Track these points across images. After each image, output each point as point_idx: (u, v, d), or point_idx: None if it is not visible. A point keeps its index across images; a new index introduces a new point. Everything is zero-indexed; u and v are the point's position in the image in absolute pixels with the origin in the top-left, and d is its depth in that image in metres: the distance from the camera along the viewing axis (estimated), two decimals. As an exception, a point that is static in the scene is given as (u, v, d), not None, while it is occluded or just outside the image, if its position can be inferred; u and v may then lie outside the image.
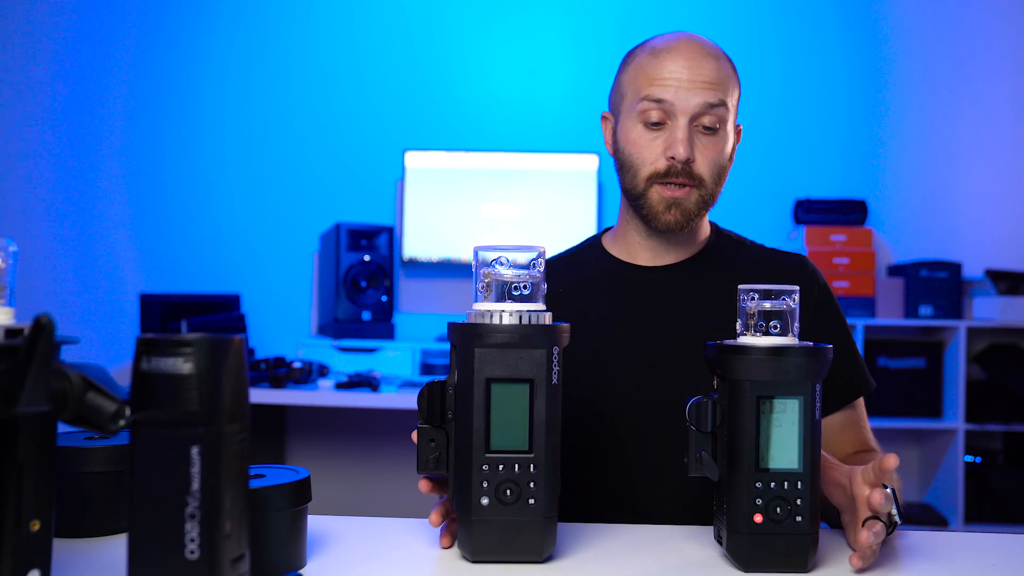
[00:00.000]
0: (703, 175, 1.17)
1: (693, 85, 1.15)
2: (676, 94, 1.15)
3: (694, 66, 1.16)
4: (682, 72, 1.16)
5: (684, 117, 1.16)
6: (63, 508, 0.88)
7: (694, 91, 1.15)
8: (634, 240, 1.27)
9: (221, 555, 0.62)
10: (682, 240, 1.25)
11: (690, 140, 1.16)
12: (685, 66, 1.16)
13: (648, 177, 1.18)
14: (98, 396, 0.62)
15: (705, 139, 1.17)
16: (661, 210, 1.18)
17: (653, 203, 1.19)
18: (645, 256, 1.27)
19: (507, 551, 0.85)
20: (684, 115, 1.16)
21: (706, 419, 0.87)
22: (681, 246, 1.26)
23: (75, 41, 3.46)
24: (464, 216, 3.18)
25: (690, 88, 1.15)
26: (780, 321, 0.88)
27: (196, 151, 3.43)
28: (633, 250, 1.27)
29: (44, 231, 3.40)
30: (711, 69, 1.17)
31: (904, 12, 3.38)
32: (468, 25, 3.43)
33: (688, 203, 1.18)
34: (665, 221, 1.19)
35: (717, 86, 1.16)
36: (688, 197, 1.18)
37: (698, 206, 1.19)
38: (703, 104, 1.15)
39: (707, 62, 1.17)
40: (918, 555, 0.93)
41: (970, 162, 3.35)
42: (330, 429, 3.24)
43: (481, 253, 0.90)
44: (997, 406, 3.03)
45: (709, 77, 1.16)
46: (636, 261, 1.27)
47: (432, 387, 0.89)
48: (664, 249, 1.26)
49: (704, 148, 1.17)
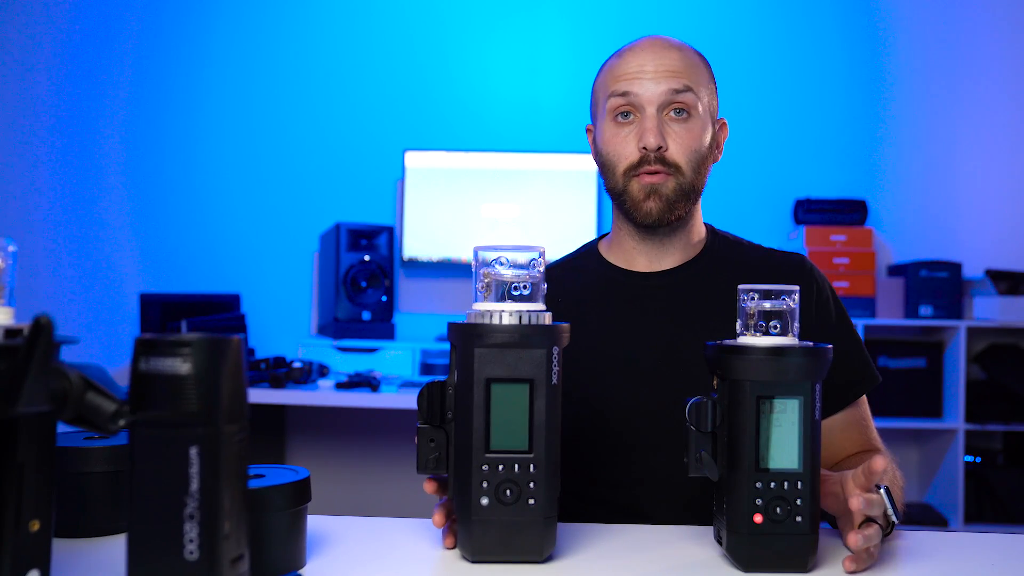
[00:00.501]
0: (678, 162, 1.18)
1: (657, 75, 1.17)
2: (641, 85, 1.17)
3: (656, 57, 1.19)
4: (646, 63, 1.18)
5: (652, 106, 1.17)
6: (63, 508, 0.88)
7: (657, 79, 1.17)
8: (628, 246, 1.27)
9: (220, 555, 0.62)
10: (676, 242, 1.25)
11: (660, 128, 1.17)
12: (648, 58, 1.19)
13: (625, 171, 1.19)
14: (98, 396, 0.62)
15: (677, 126, 1.18)
16: (641, 199, 1.19)
17: (633, 194, 1.19)
18: (642, 262, 1.26)
19: (507, 551, 0.85)
20: (651, 104, 1.17)
21: (706, 419, 0.87)
22: (676, 249, 1.25)
23: (75, 41, 3.45)
24: (464, 216, 3.18)
25: (654, 77, 1.17)
26: (780, 321, 0.88)
27: (196, 151, 3.43)
28: (629, 256, 1.27)
29: (44, 231, 3.40)
30: (674, 59, 1.19)
31: (904, 12, 3.38)
32: (468, 25, 3.43)
33: (666, 189, 1.18)
34: (646, 210, 1.19)
35: (681, 73, 1.18)
36: (665, 183, 1.18)
37: (676, 193, 1.19)
38: (668, 91, 1.17)
39: (669, 52, 1.20)
40: (918, 555, 0.93)
41: (970, 162, 3.35)
42: (330, 429, 3.24)
43: (481, 253, 0.90)
44: (997, 406, 3.03)
45: (672, 66, 1.18)
46: (633, 267, 1.27)
47: (432, 387, 0.89)
48: (659, 253, 1.25)
49: (676, 135, 1.18)
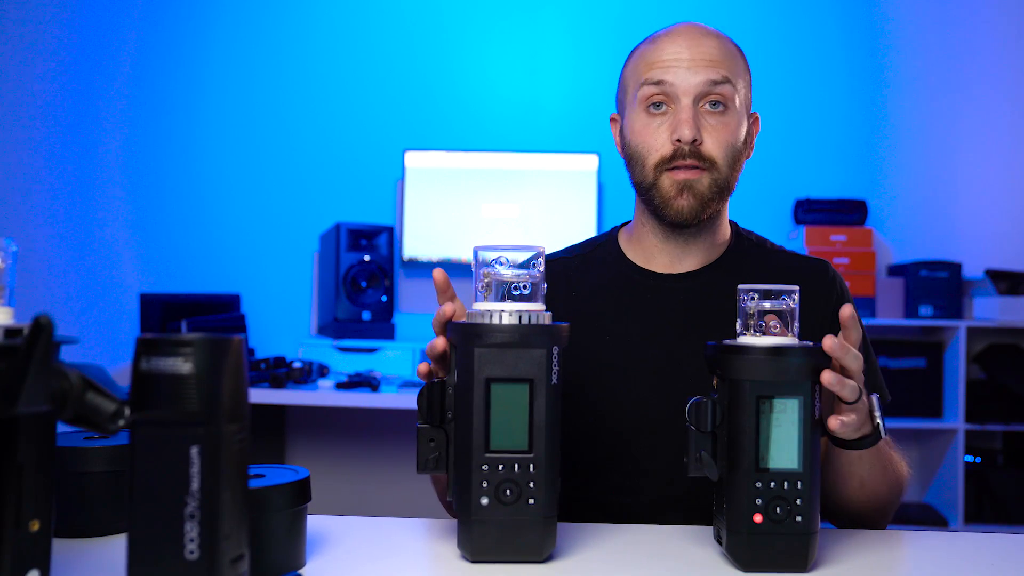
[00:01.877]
0: (714, 156, 1.11)
1: (694, 63, 1.11)
2: (676, 74, 1.11)
3: (693, 45, 1.13)
4: (682, 51, 1.12)
5: (687, 97, 1.11)
6: (63, 508, 0.88)
7: (695, 69, 1.11)
8: (650, 243, 1.21)
9: (220, 555, 0.62)
10: (701, 243, 1.19)
11: (696, 120, 1.11)
12: (685, 46, 1.13)
13: (656, 165, 1.13)
14: (98, 396, 0.62)
15: (713, 119, 1.12)
16: (673, 195, 1.12)
17: (664, 190, 1.13)
18: (662, 261, 1.21)
19: (507, 551, 0.85)
20: (687, 95, 1.11)
21: (706, 419, 0.87)
22: (700, 250, 1.20)
23: (75, 41, 3.46)
24: (464, 216, 3.18)
25: (691, 66, 1.11)
26: (780, 321, 0.88)
27: (196, 151, 3.43)
28: (649, 254, 1.22)
29: (44, 231, 3.40)
30: (712, 47, 1.13)
31: (904, 12, 3.38)
32: (468, 25, 3.43)
33: (700, 186, 1.12)
34: (678, 207, 1.12)
35: (720, 63, 1.12)
36: (700, 179, 1.12)
37: (711, 190, 1.12)
38: (706, 82, 1.11)
39: (707, 40, 1.14)
40: (918, 555, 0.93)
41: (970, 162, 3.35)
42: (330, 429, 3.24)
43: (481, 253, 0.90)
44: (997, 406, 3.03)
45: (710, 55, 1.12)
46: (652, 267, 1.21)
47: (432, 387, 0.88)
48: (681, 253, 1.20)
49: (713, 129, 1.12)
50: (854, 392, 0.87)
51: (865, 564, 0.89)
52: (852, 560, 0.90)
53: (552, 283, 1.12)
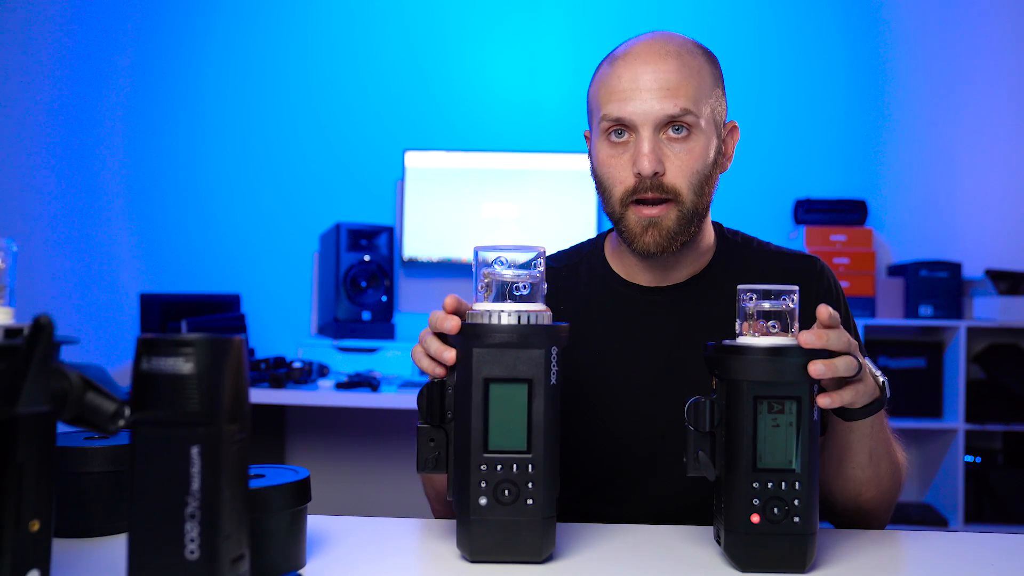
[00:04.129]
0: (678, 187, 1.09)
1: (651, 95, 1.07)
2: (635, 106, 1.08)
3: (651, 70, 1.08)
4: (637, 81, 1.08)
5: (646, 129, 1.08)
6: (63, 508, 0.89)
7: (651, 101, 1.07)
8: (631, 261, 1.20)
9: (221, 555, 0.62)
10: (683, 260, 1.18)
11: (656, 152, 1.08)
12: (641, 72, 1.09)
13: (621, 198, 1.11)
14: (98, 396, 0.62)
15: (677, 146, 1.09)
16: (638, 232, 1.10)
17: (631, 226, 1.11)
18: (647, 277, 1.20)
19: (506, 551, 0.85)
20: (645, 127, 1.08)
21: (704, 419, 0.88)
22: (683, 266, 1.18)
23: (75, 41, 3.46)
24: (464, 216, 3.18)
25: (648, 98, 1.07)
26: (779, 321, 0.88)
27: (196, 151, 3.43)
28: (632, 271, 1.21)
29: (44, 231, 3.40)
30: (669, 72, 1.08)
31: (904, 12, 3.38)
32: (468, 25, 3.43)
33: (667, 221, 1.09)
34: (644, 244, 1.10)
35: (679, 89, 1.08)
36: (666, 215, 1.09)
37: (679, 223, 1.10)
38: (662, 116, 1.07)
39: (665, 64, 1.09)
40: (918, 555, 0.93)
41: (970, 162, 3.35)
42: (330, 429, 3.24)
43: (481, 253, 0.90)
44: (997, 406, 3.03)
45: (667, 82, 1.08)
46: (639, 281, 1.21)
47: (432, 387, 0.89)
48: (664, 272, 1.18)
49: (675, 157, 1.09)
50: (851, 368, 0.86)
51: (865, 564, 0.89)
52: (851, 560, 0.90)
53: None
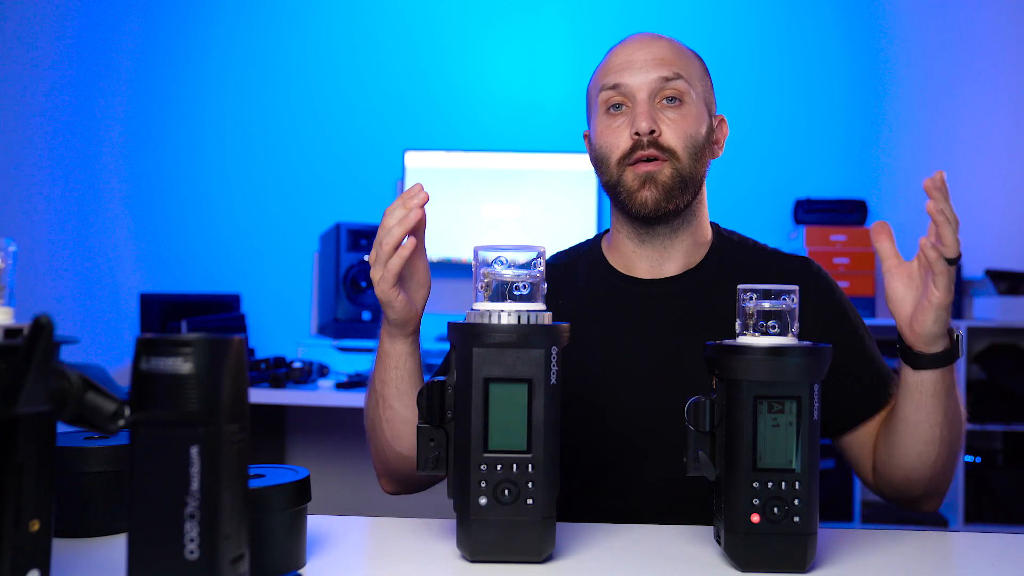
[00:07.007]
0: (674, 146, 1.16)
1: (646, 63, 1.17)
2: (631, 75, 1.17)
3: (644, 47, 1.19)
4: (634, 54, 1.19)
5: (642, 93, 1.17)
6: (63, 508, 0.89)
7: (646, 68, 1.17)
8: (628, 250, 1.23)
9: (220, 555, 0.62)
10: (679, 245, 1.21)
11: (652, 113, 1.16)
12: (636, 49, 1.20)
13: (619, 161, 1.18)
14: (97, 396, 0.62)
15: (671, 112, 1.17)
16: (636, 188, 1.16)
17: (628, 184, 1.17)
18: (643, 267, 1.23)
19: (506, 551, 0.85)
20: (642, 92, 1.17)
21: (704, 419, 0.88)
22: (679, 253, 1.22)
23: (75, 41, 3.46)
24: (464, 216, 3.18)
25: (643, 67, 1.17)
26: (779, 321, 0.88)
27: (196, 151, 3.43)
28: (629, 261, 1.24)
29: (44, 231, 3.40)
30: (662, 48, 1.19)
31: (904, 12, 3.38)
32: (468, 25, 3.43)
33: (662, 176, 1.16)
34: (641, 199, 1.16)
35: (671, 61, 1.18)
36: (661, 170, 1.16)
37: (674, 179, 1.16)
38: (658, 79, 1.17)
39: (658, 43, 1.20)
40: (918, 555, 0.93)
41: (970, 162, 3.35)
42: (330, 429, 3.24)
43: (481, 253, 0.90)
44: (997, 406, 3.03)
45: (660, 55, 1.18)
46: (634, 273, 1.23)
47: (432, 387, 0.89)
48: (661, 258, 1.22)
49: (671, 121, 1.17)
50: (954, 247, 0.91)
51: (865, 564, 0.89)
52: (851, 560, 0.90)
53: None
